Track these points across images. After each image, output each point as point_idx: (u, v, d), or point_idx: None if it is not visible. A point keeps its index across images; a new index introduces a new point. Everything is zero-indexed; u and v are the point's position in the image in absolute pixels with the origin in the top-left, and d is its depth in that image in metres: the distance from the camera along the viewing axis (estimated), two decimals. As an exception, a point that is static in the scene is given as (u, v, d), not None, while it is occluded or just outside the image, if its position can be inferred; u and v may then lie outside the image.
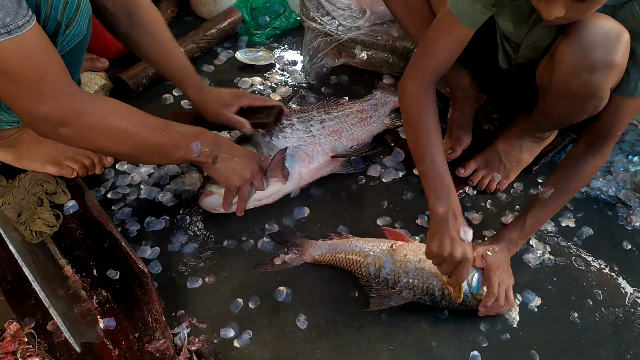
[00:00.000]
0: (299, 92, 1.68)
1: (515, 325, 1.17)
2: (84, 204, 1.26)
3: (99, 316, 1.08)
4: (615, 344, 1.14)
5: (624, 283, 1.26)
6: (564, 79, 1.08)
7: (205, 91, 1.37)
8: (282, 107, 1.43)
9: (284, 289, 1.20)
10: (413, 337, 1.14)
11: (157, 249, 1.26)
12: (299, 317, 1.16)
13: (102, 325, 1.07)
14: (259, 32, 1.91)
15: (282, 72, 1.80)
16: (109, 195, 1.37)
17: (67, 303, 1.08)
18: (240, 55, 1.82)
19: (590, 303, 1.21)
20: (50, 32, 1.01)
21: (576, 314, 1.19)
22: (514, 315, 1.18)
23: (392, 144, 1.52)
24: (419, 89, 1.16)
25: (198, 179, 1.42)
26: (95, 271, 1.15)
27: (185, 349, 1.08)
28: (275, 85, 1.74)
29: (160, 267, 1.23)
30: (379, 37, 1.70)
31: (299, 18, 1.94)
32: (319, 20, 1.73)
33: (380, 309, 1.16)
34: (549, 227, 1.35)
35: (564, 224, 1.37)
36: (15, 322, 1.06)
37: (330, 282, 1.23)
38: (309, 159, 1.38)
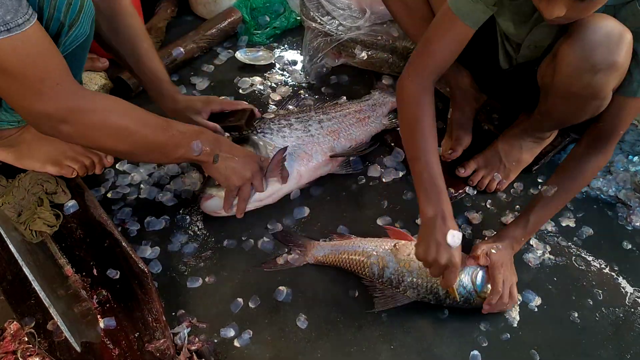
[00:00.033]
0: (297, 94, 1.68)
1: (515, 325, 1.17)
2: (84, 204, 1.26)
3: (99, 316, 1.08)
4: (615, 344, 1.14)
5: (624, 283, 1.26)
6: (566, 80, 1.08)
7: (178, 100, 1.38)
8: (252, 109, 1.43)
9: (284, 288, 1.20)
10: (413, 337, 1.14)
11: (157, 248, 1.27)
12: (299, 317, 1.16)
13: (102, 324, 1.06)
14: (259, 32, 1.91)
15: (282, 72, 1.80)
16: (109, 195, 1.37)
17: (67, 303, 1.08)
18: (240, 55, 1.82)
19: (591, 303, 1.21)
20: (53, 33, 1.01)
21: (576, 314, 1.19)
22: (514, 315, 1.18)
23: (392, 144, 1.52)
24: (417, 88, 1.16)
25: (198, 178, 1.42)
26: (95, 271, 1.15)
27: (185, 348, 1.08)
28: (275, 85, 1.74)
29: (161, 266, 1.23)
30: (379, 37, 1.70)
31: (299, 18, 1.94)
32: (319, 20, 1.73)
33: (385, 308, 1.16)
34: (549, 227, 1.35)
35: (564, 224, 1.37)
36: (15, 322, 1.06)
37: (330, 282, 1.23)
38: (307, 158, 1.38)
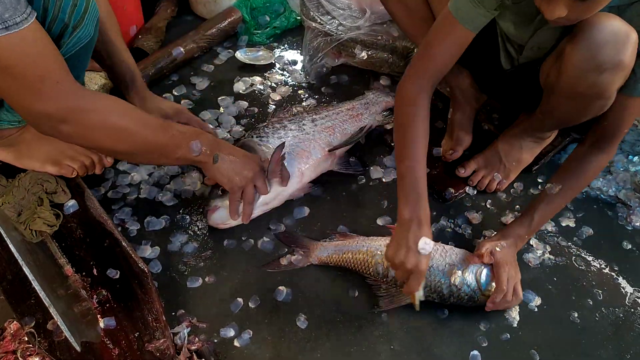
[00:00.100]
0: (296, 94, 1.69)
1: (515, 325, 1.17)
2: (84, 204, 1.26)
3: (99, 315, 1.08)
4: (615, 344, 1.14)
5: (624, 283, 1.26)
6: (571, 80, 1.08)
7: (148, 99, 1.38)
8: (215, 133, 1.44)
9: (284, 288, 1.20)
10: (413, 337, 1.14)
11: (157, 248, 1.26)
12: (299, 317, 1.16)
13: (102, 324, 1.06)
14: (259, 32, 1.91)
15: (282, 72, 1.80)
16: (109, 195, 1.37)
17: (67, 302, 1.08)
18: (240, 55, 1.82)
19: (590, 303, 1.22)
20: (56, 34, 1.01)
21: (576, 314, 1.19)
22: (514, 315, 1.18)
23: (392, 144, 1.52)
24: (416, 91, 1.15)
25: (198, 178, 1.41)
26: (95, 270, 1.15)
27: (185, 348, 1.08)
28: (275, 85, 1.74)
29: (160, 266, 1.23)
30: (379, 37, 1.70)
31: (299, 18, 1.94)
32: (319, 20, 1.73)
33: (390, 308, 1.16)
34: (549, 227, 1.35)
35: (564, 224, 1.37)
36: (15, 322, 1.06)
37: (330, 282, 1.23)
38: (307, 155, 1.38)
